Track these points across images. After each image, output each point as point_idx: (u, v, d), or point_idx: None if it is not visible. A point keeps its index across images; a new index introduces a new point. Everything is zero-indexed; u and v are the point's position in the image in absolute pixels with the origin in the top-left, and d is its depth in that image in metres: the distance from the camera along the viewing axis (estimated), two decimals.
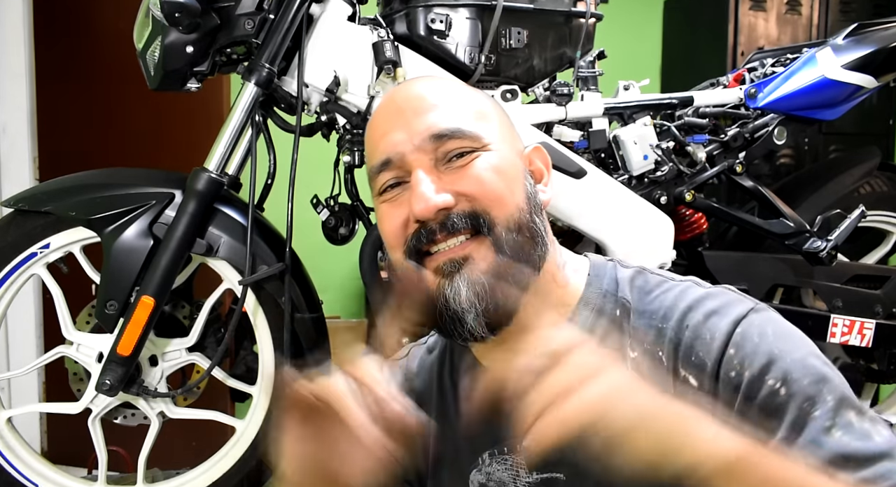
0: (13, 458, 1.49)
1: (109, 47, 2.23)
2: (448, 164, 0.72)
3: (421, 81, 0.80)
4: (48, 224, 1.45)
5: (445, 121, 0.73)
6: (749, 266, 1.72)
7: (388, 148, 0.74)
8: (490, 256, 0.70)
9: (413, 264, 0.72)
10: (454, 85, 0.80)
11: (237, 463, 1.52)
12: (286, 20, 1.43)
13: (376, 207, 0.77)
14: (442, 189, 0.71)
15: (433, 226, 0.70)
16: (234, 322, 1.46)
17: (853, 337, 1.72)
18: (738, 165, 1.69)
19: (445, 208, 0.70)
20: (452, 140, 0.72)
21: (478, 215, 0.70)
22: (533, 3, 1.57)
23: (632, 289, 0.76)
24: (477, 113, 0.76)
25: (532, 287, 0.72)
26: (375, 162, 0.75)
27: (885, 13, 2.38)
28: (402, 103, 0.76)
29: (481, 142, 0.73)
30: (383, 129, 0.75)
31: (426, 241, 0.71)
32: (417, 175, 0.71)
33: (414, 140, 0.72)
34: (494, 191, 0.71)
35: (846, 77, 1.68)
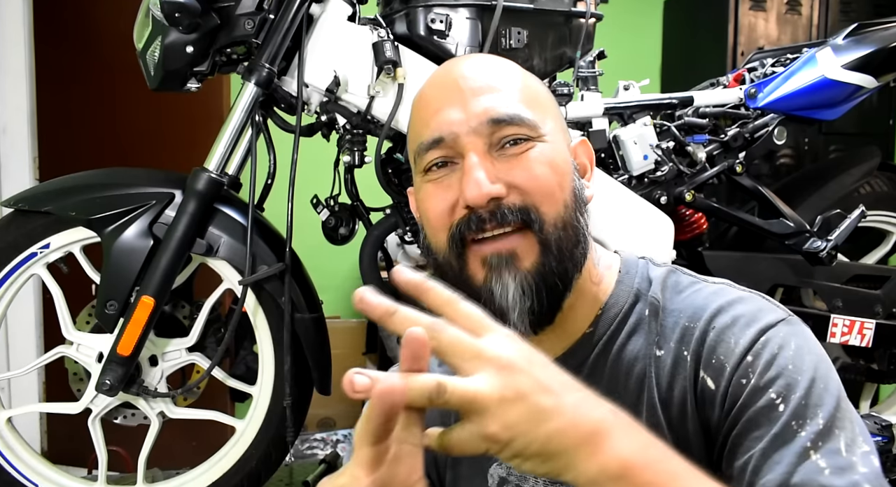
0: (13, 458, 1.49)
1: (109, 47, 2.23)
2: (502, 151, 0.70)
3: (481, 59, 0.77)
4: (48, 224, 1.45)
5: (505, 105, 0.70)
6: (749, 266, 1.72)
7: (442, 126, 0.71)
8: (536, 253, 0.69)
9: (456, 251, 0.70)
10: (514, 67, 0.76)
11: (237, 463, 1.52)
12: (286, 20, 1.43)
13: (418, 185, 0.75)
14: (495, 177, 0.68)
15: (484, 215, 0.68)
16: (234, 322, 1.46)
17: (853, 337, 1.72)
18: (738, 165, 1.69)
19: (497, 198, 0.68)
20: (511, 126, 0.70)
21: (528, 210, 0.68)
22: (533, 3, 1.57)
23: (663, 288, 0.74)
24: (536, 100, 0.73)
25: (574, 285, 0.71)
26: (426, 138, 0.72)
27: (885, 13, 2.38)
28: (460, 79, 0.73)
29: (538, 132, 0.71)
30: (437, 105, 0.72)
31: (475, 229, 0.69)
32: (471, 159, 0.69)
33: (471, 122, 0.70)
34: (547, 186, 0.69)
35: (846, 77, 1.68)
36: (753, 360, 0.65)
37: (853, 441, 0.60)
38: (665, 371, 0.70)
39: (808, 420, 0.61)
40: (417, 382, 0.47)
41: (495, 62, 0.75)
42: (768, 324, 0.67)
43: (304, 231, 1.65)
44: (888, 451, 1.65)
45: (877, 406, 2.04)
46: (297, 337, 1.48)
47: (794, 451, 0.59)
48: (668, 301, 0.73)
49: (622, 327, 0.74)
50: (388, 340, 1.55)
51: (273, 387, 1.50)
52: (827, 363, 0.66)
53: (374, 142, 1.50)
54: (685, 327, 0.70)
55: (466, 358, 0.49)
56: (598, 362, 0.74)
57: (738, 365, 0.65)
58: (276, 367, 1.50)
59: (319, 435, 2.75)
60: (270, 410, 1.51)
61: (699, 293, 0.72)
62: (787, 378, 0.63)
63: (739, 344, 0.66)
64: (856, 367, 1.84)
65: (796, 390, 0.62)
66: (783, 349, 0.65)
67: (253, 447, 1.52)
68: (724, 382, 0.66)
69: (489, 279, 0.69)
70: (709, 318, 0.69)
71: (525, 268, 0.68)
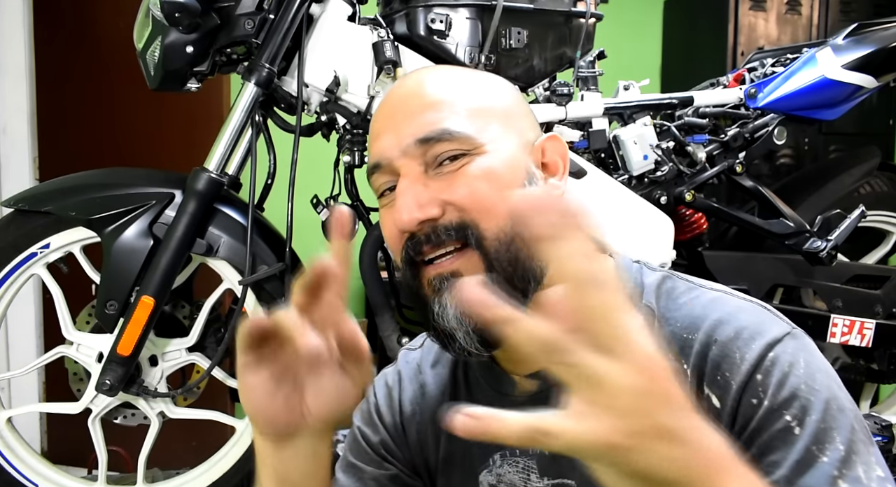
0: (13, 458, 1.49)
1: (109, 47, 2.23)
2: (438, 169, 0.68)
3: (417, 76, 0.75)
4: (48, 224, 1.45)
5: (433, 123, 0.68)
6: (749, 266, 1.72)
7: (378, 152, 0.71)
8: (479, 270, 0.66)
9: (410, 273, 0.70)
10: (454, 77, 0.73)
11: (237, 463, 1.52)
12: (286, 20, 1.43)
13: (380, 211, 0.75)
14: (429, 198, 0.67)
15: (420, 237, 0.67)
16: (235, 322, 1.46)
17: (853, 337, 1.72)
18: (738, 165, 1.69)
19: (430, 219, 0.67)
20: (440, 143, 0.68)
21: (466, 227, 0.66)
22: (533, 3, 1.57)
23: (658, 295, 0.72)
24: (474, 110, 0.70)
25: (535, 297, 0.67)
26: (369, 164, 0.73)
27: (885, 13, 2.38)
28: (395, 103, 0.73)
29: (474, 144, 0.68)
30: (376, 131, 0.73)
31: (414, 253, 0.68)
32: (401, 185, 0.68)
33: (401, 144, 0.69)
34: (484, 200, 0.67)
35: (846, 77, 1.68)
36: (763, 379, 0.62)
37: (868, 465, 0.60)
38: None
39: (828, 444, 0.59)
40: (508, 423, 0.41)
41: (433, 77, 0.73)
42: (775, 339, 0.64)
43: (304, 231, 1.65)
44: (888, 451, 1.65)
45: (877, 407, 2.04)
46: None
47: (822, 480, 0.58)
48: (664, 308, 0.70)
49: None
50: (388, 340, 1.55)
51: None
52: (836, 379, 0.64)
53: None
54: (684, 339, 0.67)
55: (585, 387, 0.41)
56: None
57: (747, 384, 0.63)
58: None
59: None
60: None
61: (696, 301, 0.70)
62: (802, 399, 0.61)
63: (745, 359, 0.64)
64: (856, 367, 1.84)
65: (812, 412, 0.60)
66: (794, 367, 0.63)
67: (253, 447, 1.51)
68: (731, 401, 0.63)
69: (432, 300, 0.68)
70: (709, 330, 0.66)
71: None
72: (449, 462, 0.81)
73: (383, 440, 0.82)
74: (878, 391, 2.11)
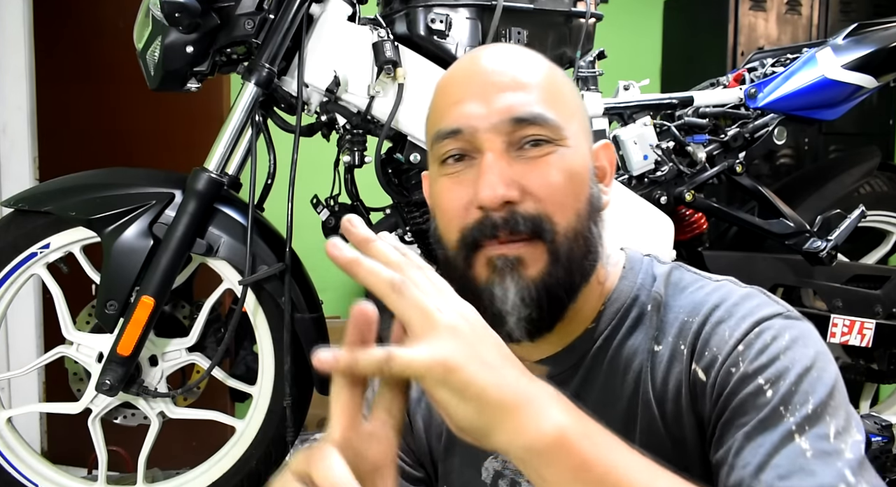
0: (13, 458, 1.49)
1: (109, 47, 2.23)
2: (521, 151, 0.67)
3: (510, 51, 0.73)
4: (48, 224, 1.45)
5: (529, 104, 0.67)
6: (749, 266, 1.72)
7: (461, 118, 0.68)
8: (543, 262, 0.67)
9: (465, 252, 0.69)
10: (543, 63, 0.73)
11: (237, 463, 1.52)
12: (286, 20, 1.43)
13: (434, 175, 0.73)
14: (510, 179, 0.66)
15: (497, 221, 0.66)
16: (234, 322, 1.46)
17: (853, 337, 1.72)
18: (738, 165, 1.69)
19: (511, 202, 0.66)
20: (533, 126, 0.67)
21: (541, 220, 0.66)
22: (533, 3, 1.57)
23: (666, 284, 0.74)
24: (563, 100, 0.71)
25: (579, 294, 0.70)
26: (443, 127, 0.69)
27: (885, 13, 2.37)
28: (486, 71, 0.70)
29: (561, 135, 0.68)
30: (459, 95, 0.69)
31: (488, 235, 0.67)
32: (488, 159, 0.67)
33: (491, 118, 0.67)
34: (562, 195, 0.67)
35: (846, 77, 1.68)
36: (744, 349, 0.64)
37: (844, 429, 0.59)
38: (661, 366, 0.69)
39: (798, 406, 0.59)
40: (368, 354, 0.50)
41: (525, 56, 0.73)
42: (764, 317, 0.66)
43: (304, 231, 1.65)
44: (888, 451, 1.65)
45: (877, 407, 2.04)
46: (297, 337, 1.48)
47: (779, 434, 0.58)
48: (669, 297, 0.72)
49: (623, 322, 0.73)
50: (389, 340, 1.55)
51: (273, 387, 1.50)
52: (826, 356, 0.64)
53: (374, 142, 1.50)
54: (683, 321, 0.69)
55: (416, 319, 0.51)
56: (597, 357, 0.73)
57: (729, 355, 0.64)
58: (276, 367, 1.50)
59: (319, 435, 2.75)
60: (270, 410, 1.51)
61: (701, 290, 0.72)
62: (778, 365, 0.62)
63: (733, 335, 0.65)
64: (856, 367, 1.84)
65: (787, 376, 0.61)
66: (777, 339, 0.64)
67: (253, 447, 1.52)
68: (714, 372, 0.65)
69: (490, 281, 0.67)
70: (707, 313, 0.68)
71: (530, 276, 0.67)
72: (450, 450, 0.81)
73: None
74: (878, 391, 2.11)
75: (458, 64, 0.74)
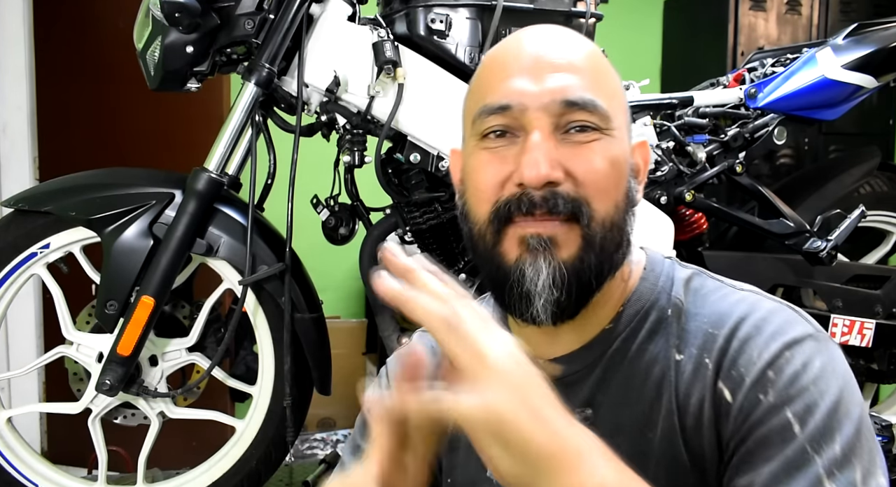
0: (13, 458, 1.49)
1: (109, 47, 2.23)
2: (566, 135, 0.66)
3: (564, 33, 0.72)
4: (48, 224, 1.45)
5: (581, 88, 0.67)
6: (749, 266, 1.72)
7: (512, 94, 0.67)
8: (577, 246, 0.66)
9: (495, 227, 0.67)
10: (597, 51, 0.72)
11: (237, 463, 1.52)
12: (286, 20, 1.43)
13: (470, 149, 0.71)
14: (555, 161, 0.65)
15: (536, 198, 0.65)
16: (234, 322, 1.46)
17: (853, 337, 1.72)
18: (738, 165, 1.69)
19: (553, 182, 0.65)
20: (583, 112, 0.66)
21: (580, 203, 0.65)
22: (533, 3, 1.57)
23: (686, 290, 0.72)
24: (613, 91, 0.70)
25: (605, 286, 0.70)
26: (491, 102, 0.68)
27: (885, 13, 2.37)
28: (539, 49, 0.69)
29: (608, 125, 0.67)
30: (511, 71, 0.68)
31: (524, 211, 0.66)
32: (535, 137, 0.65)
33: (542, 97, 0.66)
34: (604, 182, 0.66)
35: (846, 77, 1.68)
36: (774, 376, 0.62)
37: (869, 472, 0.58)
38: (684, 377, 0.68)
39: (825, 445, 0.58)
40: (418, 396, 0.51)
41: (579, 41, 0.72)
42: (794, 339, 0.64)
43: (304, 231, 1.65)
44: (888, 451, 1.65)
45: (877, 406, 2.04)
46: (297, 337, 1.48)
47: (808, 478, 0.57)
48: (691, 304, 0.71)
49: (642, 325, 0.72)
50: (388, 340, 1.55)
51: (273, 387, 1.50)
52: (852, 385, 0.63)
53: (374, 142, 1.50)
54: (708, 333, 0.68)
55: (467, 360, 0.50)
56: (614, 358, 0.72)
57: (758, 380, 0.63)
58: (276, 367, 1.50)
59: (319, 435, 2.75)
60: (270, 410, 1.51)
61: (725, 299, 0.70)
62: (808, 398, 0.60)
63: (762, 357, 0.63)
64: (856, 367, 1.84)
65: (816, 411, 0.60)
66: (807, 367, 0.62)
67: (253, 447, 1.52)
68: (742, 396, 0.63)
69: (522, 260, 0.66)
70: (733, 326, 0.66)
71: (562, 258, 0.65)
72: (454, 444, 0.80)
73: None
74: (878, 391, 2.11)
75: (509, 40, 0.73)
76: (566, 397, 0.69)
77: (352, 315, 3.14)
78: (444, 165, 1.49)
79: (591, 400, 0.71)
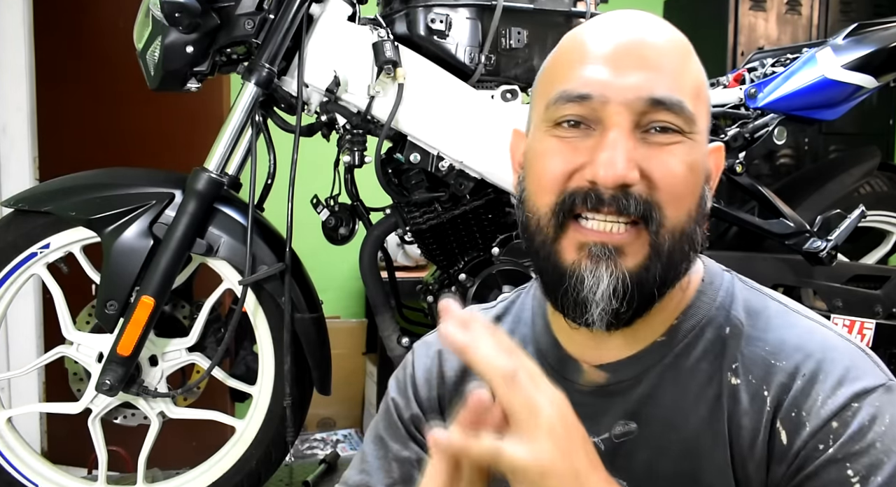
0: (13, 458, 1.49)
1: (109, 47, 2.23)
2: (646, 134, 0.63)
3: (657, 23, 0.67)
4: (48, 224, 1.45)
5: (669, 88, 0.63)
6: (749, 266, 1.72)
7: (594, 83, 0.62)
8: (643, 254, 0.63)
9: (557, 221, 0.64)
10: (688, 47, 0.68)
11: (237, 463, 1.52)
12: (286, 20, 1.43)
13: (539, 134, 0.67)
14: (632, 161, 0.61)
15: (605, 195, 0.61)
16: (234, 322, 1.46)
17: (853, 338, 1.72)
18: (738, 165, 1.69)
19: (627, 184, 0.61)
20: (668, 112, 0.62)
21: (652, 207, 0.62)
22: (533, 3, 1.57)
23: (748, 311, 0.68)
24: (700, 93, 0.66)
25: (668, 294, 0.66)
26: (570, 89, 0.63)
27: (885, 13, 2.37)
28: (629, 38, 0.65)
29: (692, 128, 0.64)
30: (595, 58, 0.64)
31: (591, 207, 0.62)
32: (615, 133, 0.61)
33: (627, 92, 0.62)
34: (680, 188, 0.63)
35: (846, 77, 1.67)
36: (838, 427, 0.59)
37: None
38: (740, 405, 0.64)
39: None
40: (480, 442, 0.52)
41: (670, 33, 0.67)
42: (864, 389, 0.60)
43: (304, 231, 1.65)
44: None
45: None
46: (297, 337, 1.48)
47: None
48: (751, 327, 0.67)
49: (697, 342, 0.67)
50: (388, 340, 1.55)
51: (273, 387, 1.50)
52: None
53: (374, 142, 1.50)
54: (769, 363, 0.64)
55: (522, 413, 0.52)
56: (665, 374, 0.68)
57: (820, 429, 0.59)
58: (276, 367, 1.50)
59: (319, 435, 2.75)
60: (270, 410, 1.51)
61: (791, 328, 0.66)
62: (872, 456, 0.57)
63: (827, 404, 0.60)
64: None
65: (879, 473, 0.56)
66: (876, 422, 0.58)
67: (253, 447, 1.52)
68: (800, 442, 0.60)
69: (583, 266, 0.62)
70: (798, 362, 0.63)
71: (627, 267, 0.62)
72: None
73: (414, 415, 0.78)
74: None
75: (596, 22, 0.68)
76: (609, 405, 0.68)
77: (352, 315, 3.14)
78: (444, 165, 1.49)
79: (636, 414, 0.68)
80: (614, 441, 0.68)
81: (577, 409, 0.55)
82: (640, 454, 0.67)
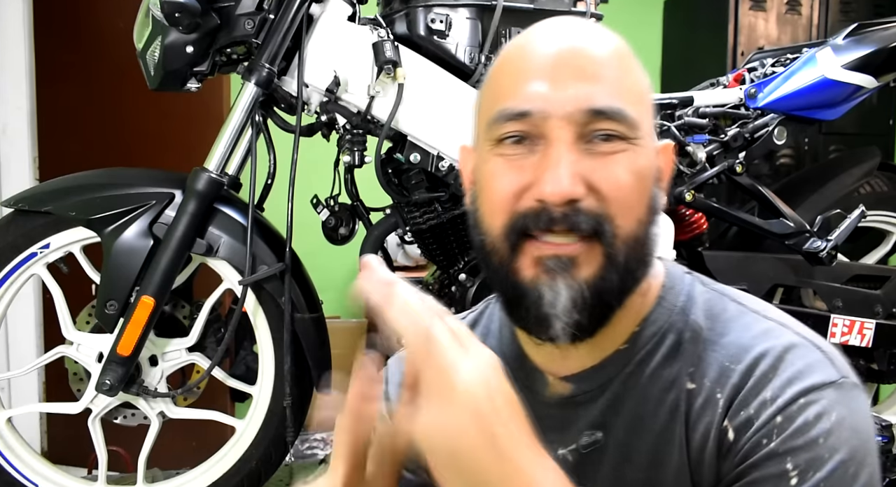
0: (13, 458, 1.49)
1: (109, 47, 2.23)
2: (590, 145, 0.62)
3: (590, 30, 0.66)
4: (48, 224, 1.45)
5: (608, 96, 0.62)
6: (749, 266, 1.72)
7: (533, 100, 0.62)
8: (598, 265, 0.62)
9: (511, 241, 0.63)
10: (624, 48, 0.67)
11: (237, 463, 1.52)
12: (286, 20, 1.43)
13: (484, 154, 0.66)
14: (578, 175, 0.60)
15: (556, 214, 0.61)
16: (234, 322, 1.46)
17: (853, 337, 1.72)
18: (738, 165, 1.69)
19: (575, 199, 0.61)
20: (609, 121, 0.61)
21: (603, 220, 0.61)
22: (533, 3, 1.57)
23: (707, 314, 0.68)
24: (640, 95, 0.65)
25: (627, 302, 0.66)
26: (509, 107, 0.63)
27: (885, 13, 2.38)
28: (563, 49, 0.63)
29: (636, 133, 0.63)
30: (533, 74, 0.63)
31: (543, 227, 0.61)
32: (558, 150, 0.61)
33: (566, 105, 0.61)
34: (628, 197, 0.62)
35: (846, 77, 1.68)
36: (782, 422, 0.58)
37: None
38: (695, 409, 0.64)
39: None
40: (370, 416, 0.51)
41: (605, 38, 0.66)
42: (814, 386, 0.59)
43: (304, 231, 1.65)
44: (888, 451, 1.65)
45: (877, 406, 2.03)
46: (297, 337, 1.48)
47: None
48: (710, 330, 0.67)
49: (658, 348, 0.67)
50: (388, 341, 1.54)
51: (273, 387, 1.50)
52: (869, 446, 0.59)
53: (374, 142, 1.50)
54: (724, 366, 0.64)
55: (433, 377, 0.49)
56: (627, 382, 0.68)
57: (765, 425, 0.59)
58: (276, 367, 1.50)
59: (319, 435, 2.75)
60: (270, 410, 1.51)
61: (747, 329, 0.65)
62: (814, 453, 0.56)
63: (776, 402, 0.59)
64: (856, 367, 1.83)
65: (819, 469, 0.56)
66: (822, 418, 0.58)
67: (253, 447, 1.52)
68: (745, 438, 0.60)
69: (541, 281, 0.62)
70: (751, 363, 0.62)
71: (583, 278, 0.62)
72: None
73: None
74: (878, 391, 2.11)
75: (529, 35, 0.67)
76: (575, 417, 0.68)
77: (352, 315, 3.14)
78: (444, 165, 1.49)
79: (601, 424, 0.68)
80: (581, 453, 0.68)
81: (544, 422, 0.54)
82: (607, 463, 0.67)
